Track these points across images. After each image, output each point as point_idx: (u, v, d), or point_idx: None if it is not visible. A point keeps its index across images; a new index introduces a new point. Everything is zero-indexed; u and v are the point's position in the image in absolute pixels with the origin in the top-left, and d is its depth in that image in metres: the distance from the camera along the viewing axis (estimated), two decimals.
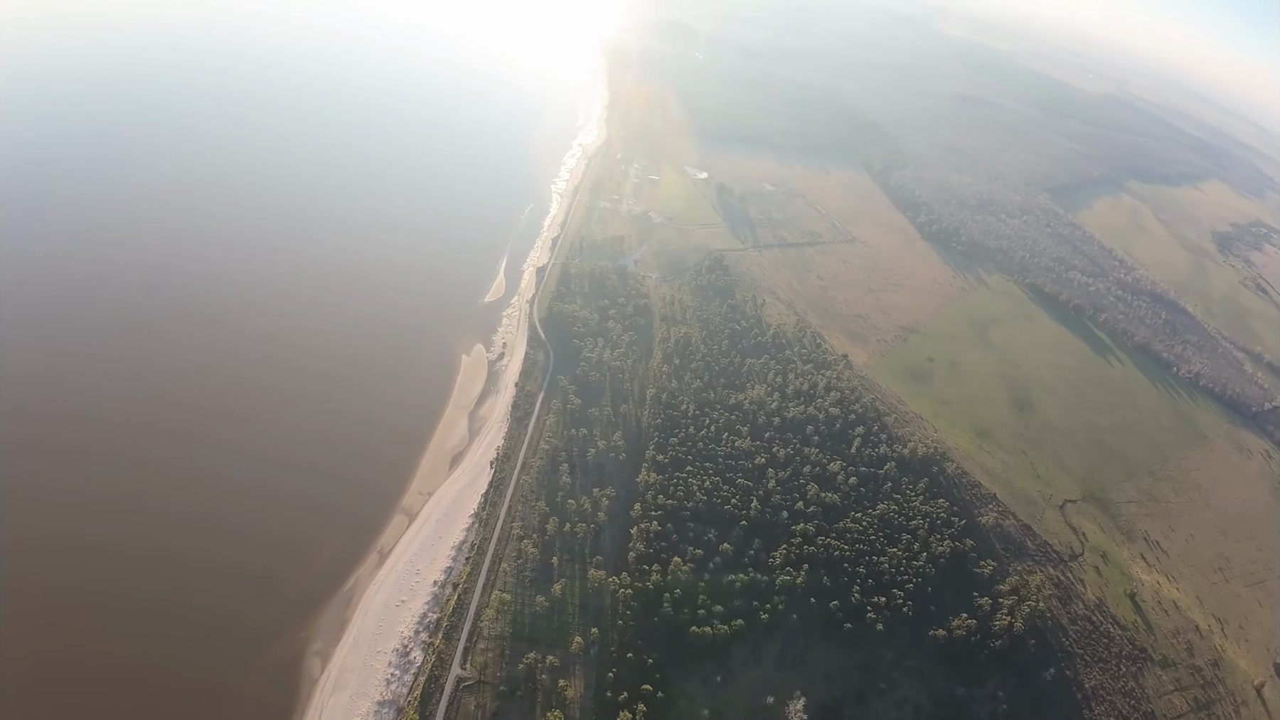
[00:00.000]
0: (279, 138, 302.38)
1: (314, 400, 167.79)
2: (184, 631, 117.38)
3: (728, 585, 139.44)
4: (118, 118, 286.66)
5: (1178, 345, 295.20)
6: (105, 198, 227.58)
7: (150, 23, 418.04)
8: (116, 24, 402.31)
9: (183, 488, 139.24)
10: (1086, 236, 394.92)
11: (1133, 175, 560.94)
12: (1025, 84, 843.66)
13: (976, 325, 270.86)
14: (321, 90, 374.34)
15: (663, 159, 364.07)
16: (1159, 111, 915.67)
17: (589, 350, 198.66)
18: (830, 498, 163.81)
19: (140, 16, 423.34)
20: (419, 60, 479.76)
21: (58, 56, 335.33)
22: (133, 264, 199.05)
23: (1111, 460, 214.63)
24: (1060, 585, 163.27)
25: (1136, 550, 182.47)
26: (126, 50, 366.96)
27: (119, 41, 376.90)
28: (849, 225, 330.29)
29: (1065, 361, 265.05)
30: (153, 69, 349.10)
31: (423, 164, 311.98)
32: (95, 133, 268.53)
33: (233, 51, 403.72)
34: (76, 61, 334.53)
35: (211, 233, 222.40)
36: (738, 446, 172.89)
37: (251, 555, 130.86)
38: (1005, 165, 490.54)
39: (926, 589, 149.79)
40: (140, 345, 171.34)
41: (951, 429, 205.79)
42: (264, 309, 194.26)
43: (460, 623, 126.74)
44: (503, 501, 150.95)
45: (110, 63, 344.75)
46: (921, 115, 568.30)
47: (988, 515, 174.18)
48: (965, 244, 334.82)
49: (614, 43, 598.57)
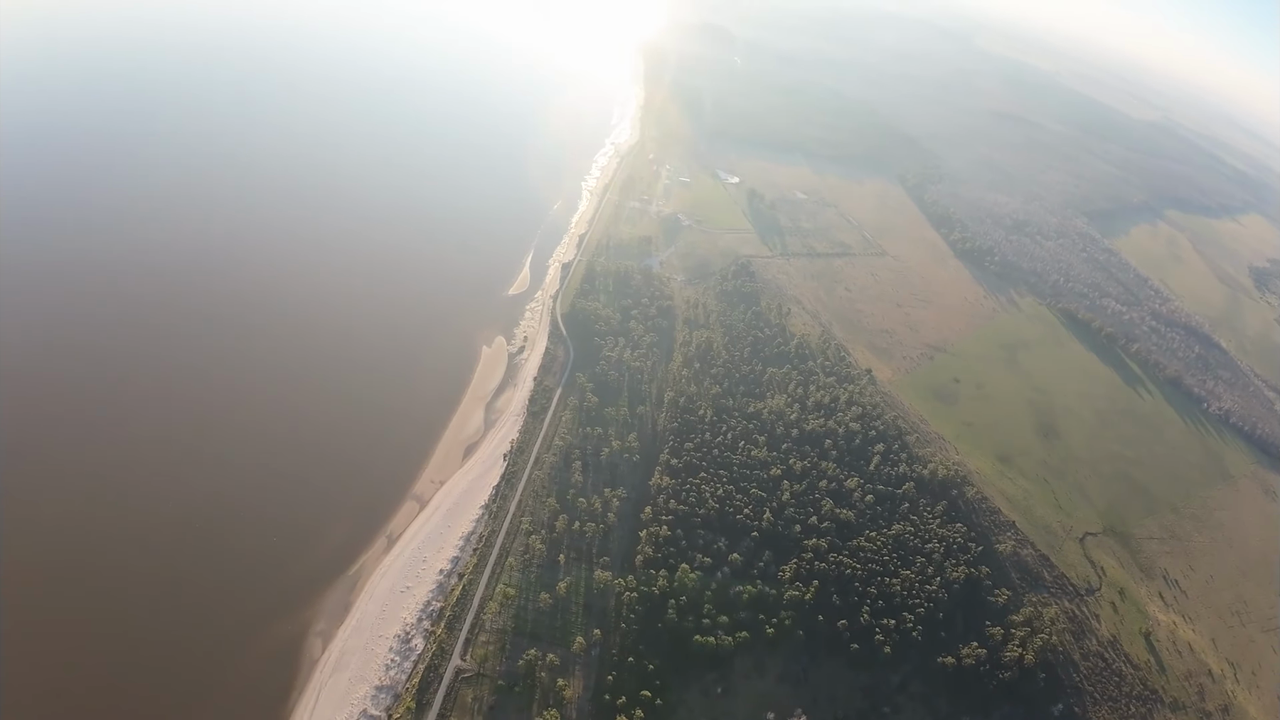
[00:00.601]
0: (316, 125, 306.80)
1: (332, 384, 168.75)
2: (189, 606, 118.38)
3: (735, 596, 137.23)
4: (154, 104, 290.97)
5: (1209, 380, 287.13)
6: (135, 183, 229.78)
7: (189, 10, 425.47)
8: (150, 14, 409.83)
9: (197, 465, 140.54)
10: (1122, 263, 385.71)
11: (1172, 204, 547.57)
12: (1067, 105, 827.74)
13: (1006, 348, 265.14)
14: (361, 80, 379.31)
15: (695, 161, 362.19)
16: (1202, 141, 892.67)
17: (609, 349, 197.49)
18: (845, 514, 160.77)
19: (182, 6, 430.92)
20: (458, 54, 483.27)
21: (82, 42, 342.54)
22: (161, 247, 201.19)
23: (1135, 494, 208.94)
24: (1075, 619, 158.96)
25: (1155, 588, 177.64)
26: (172, 35, 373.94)
27: (158, 31, 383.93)
28: (880, 238, 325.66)
29: (1094, 390, 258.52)
30: (192, 52, 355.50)
31: (456, 156, 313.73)
32: (123, 120, 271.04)
33: (280, 39, 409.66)
34: (99, 48, 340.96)
35: (240, 217, 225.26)
36: (754, 456, 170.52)
37: (260, 533, 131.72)
38: (1043, 186, 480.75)
39: (938, 614, 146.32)
40: (162, 325, 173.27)
41: (973, 452, 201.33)
42: (288, 293, 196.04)
43: (463, 613, 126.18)
44: (513, 495, 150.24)
45: (151, 48, 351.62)
46: (959, 130, 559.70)
47: (1005, 543, 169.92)
48: (998, 264, 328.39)
49: (652, 44, 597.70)
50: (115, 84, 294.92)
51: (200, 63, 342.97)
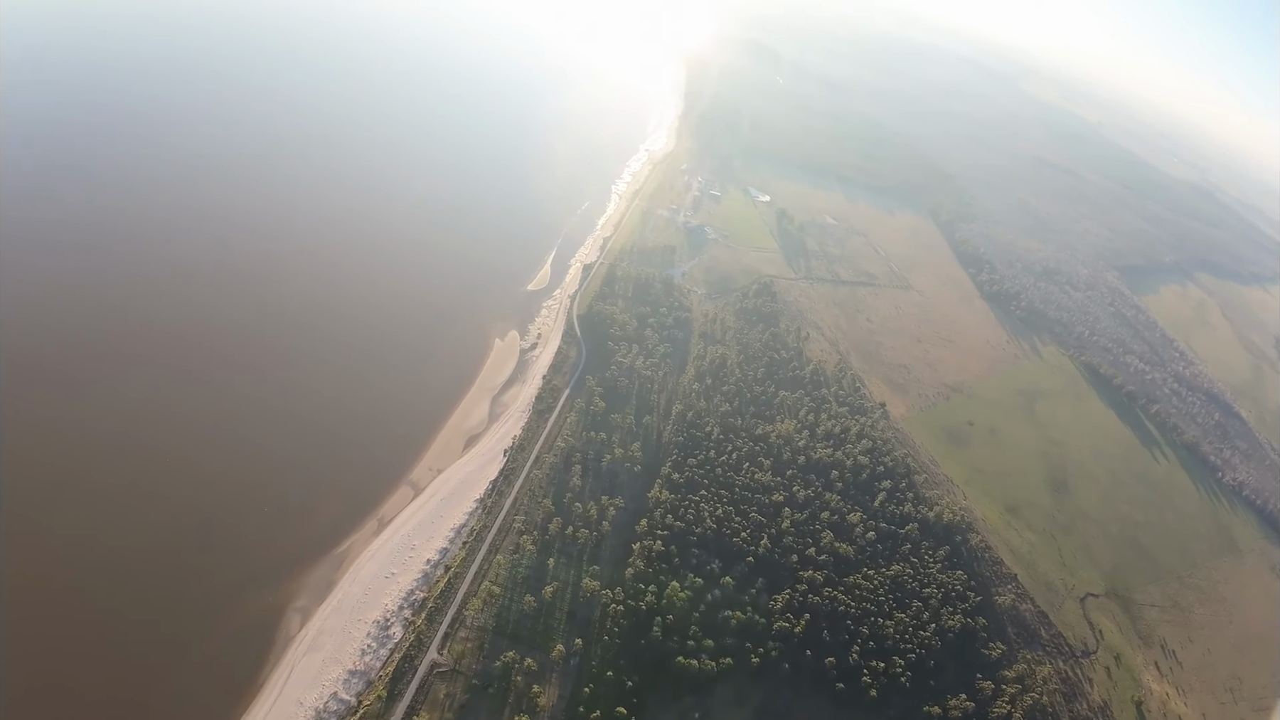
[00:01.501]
0: (359, 110, 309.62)
1: (338, 362, 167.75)
2: (170, 568, 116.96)
3: (723, 621, 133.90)
4: (200, 83, 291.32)
5: (1226, 450, 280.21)
6: (169, 158, 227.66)
7: None
8: None
9: (193, 434, 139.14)
10: (1149, 322, 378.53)
11: (1204, 267, 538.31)
12: (1108, 157, 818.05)
13: (1024, 395, 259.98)
14: (410, 71, 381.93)
15: (727, 176, 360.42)
16: (1239, 207, 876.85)
17: (622, 355, 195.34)
18: (844, 549, 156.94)
19: None
20: (505, 53, 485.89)
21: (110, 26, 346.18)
22: (175, 222, 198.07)
23: (1141, 559, 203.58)
24: (1067, 681, 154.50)
25: (1152, 657, 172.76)
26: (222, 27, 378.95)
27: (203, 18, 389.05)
28: (907, 271, 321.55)
29: (1109, 448, 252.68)
30: (239, 39, 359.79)
31: (490, 151, 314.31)
32: (160, 96, 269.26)
33: (322, 30, 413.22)
34: (133, 29, 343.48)
35: (269, 194, 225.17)
36: (757, 479, 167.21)
37: (251, 502, 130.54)
38: (1076, 236, 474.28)
39: (929, 662, 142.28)
40: (171, 292, 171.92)
41: (982, 499, 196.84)
42: (306, 271, 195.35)
43: (445, 606, 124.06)
44: (509, 492, 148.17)
45: (196, 33, 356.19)
46: (997, 172, 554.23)
47: (1005, 596, 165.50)
48: (1024, 309, 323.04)
49: (697, 55, 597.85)
50: (151, 66, 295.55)
51: (239, 50, 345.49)
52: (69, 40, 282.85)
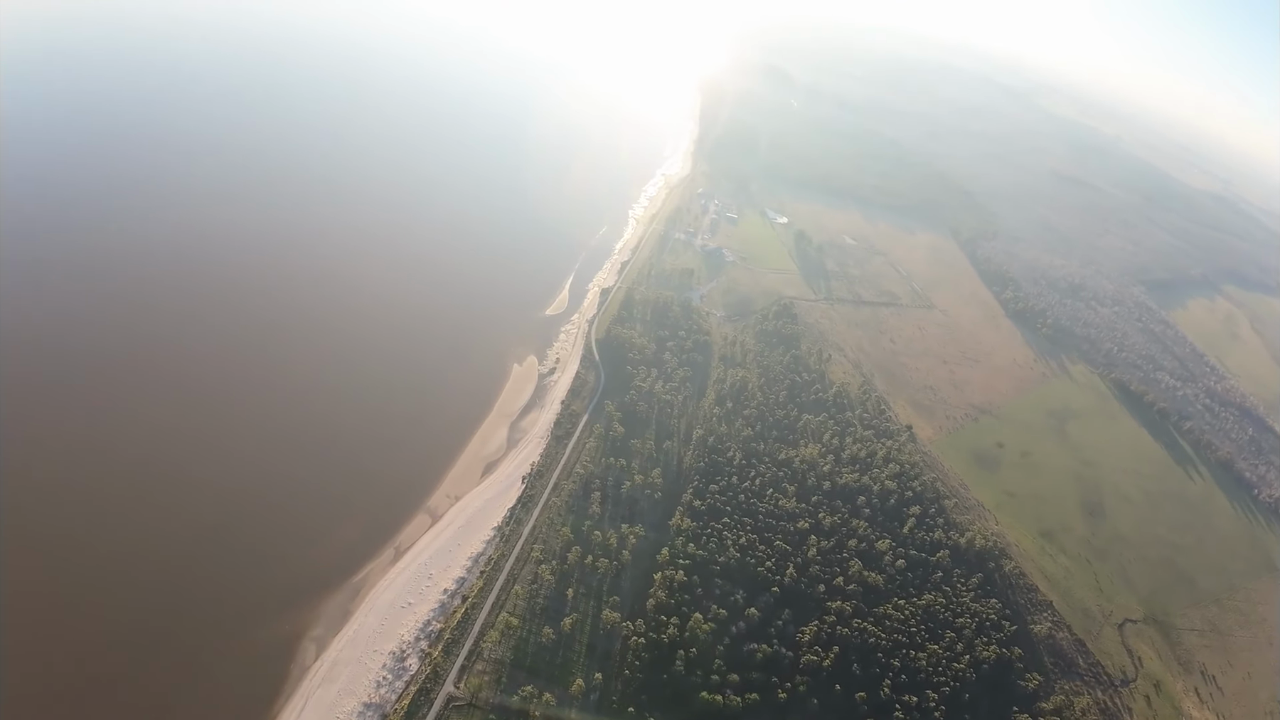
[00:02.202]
0: (374, 137, 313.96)
1: (358, 388, 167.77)
2: (187, 594, 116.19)
3: (748, 654, 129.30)
4: (215, 107, 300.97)
5: (1261, 467, 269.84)
6: (189, 184, 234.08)
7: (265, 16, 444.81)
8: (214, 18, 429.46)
9: (209, 457, 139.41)
10: (1179, 337, 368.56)
11: (1231, 279, 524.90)
12: (1129, 170, 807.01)
13: (1054, 416, 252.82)
14: (424, 101, 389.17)
15: (744, 199, 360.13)
16: (1263, 216, 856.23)
17: (641, 379, 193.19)
18: (873, 578, 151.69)
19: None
20: (520, 80, 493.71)
21: (111, 46, 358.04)
22: (206, 244, 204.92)
23: (1179, 582, 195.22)
24: (1106, 712, 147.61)
25: (1192, 683, 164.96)
26: (235, 43, 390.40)
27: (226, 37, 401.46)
28: (929, 291, 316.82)
29: (1144, 469, 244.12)
30: (265, 57, 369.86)
31: (508, 176, 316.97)
32: (182, 120, 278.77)
33: (342, 58, 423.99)
34: (147, 55, 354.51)
35: (286, 218, 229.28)
36: (781, 506, 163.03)
37: (268, 529, 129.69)
38: (1101, 251, 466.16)
39: (964, 695, 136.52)
40: (185, 318, 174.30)
41: (1014, 524, 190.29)
42: (324, 293, 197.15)
43: (462, 638, 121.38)
44: (528, 520, 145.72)
45: (219, 54, 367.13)
46: (1017, 189, 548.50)
47: (1041, 624, 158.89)
48: (1051, 327, 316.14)
49: (712, 81, 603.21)
50: (162, 97, 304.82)
51: (261, 77, 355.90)
52: (76, 65, 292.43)
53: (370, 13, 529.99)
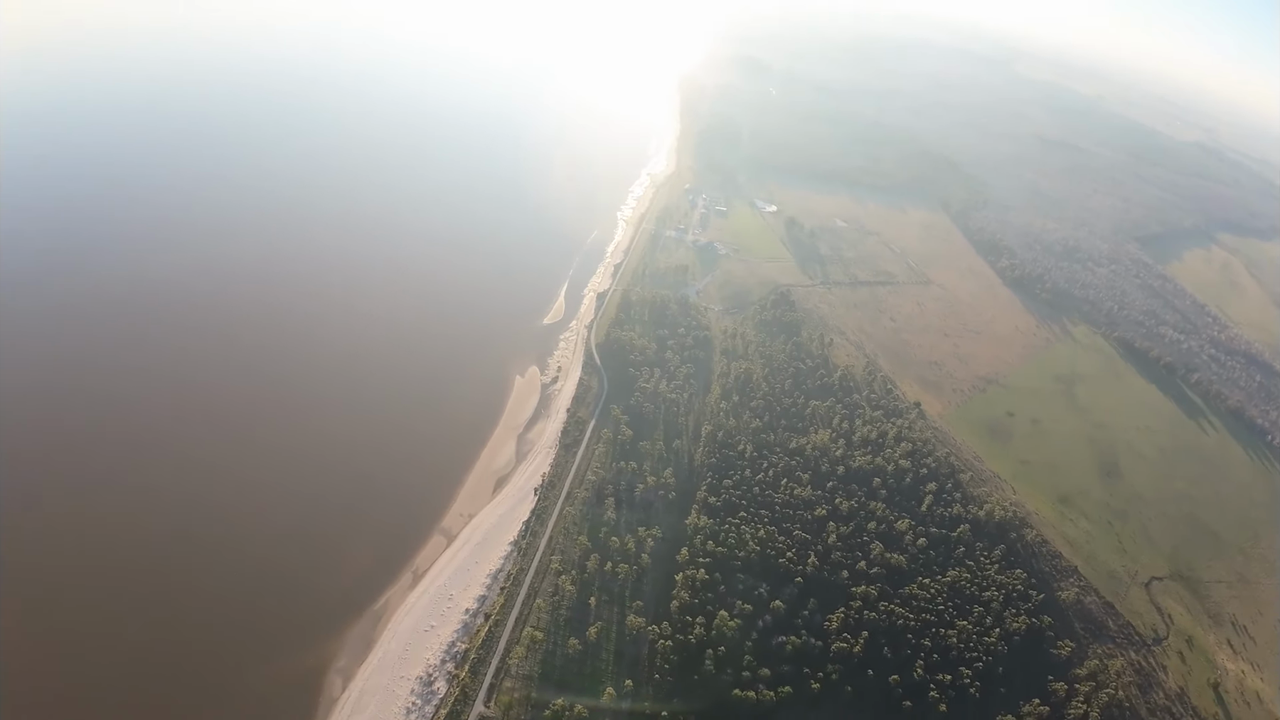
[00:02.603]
0: (356, 159, 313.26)
1: (361, 412, 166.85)
2: (207, 631, 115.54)
3: (777, 647, 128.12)
4: (202, 135, 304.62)
5: (1273, 412, 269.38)
6: (187, 211, 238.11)
7: (243, 49, 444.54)
8: (204, 46, 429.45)
9: (223, 490, 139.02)
10: (1178, 290, 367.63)
11: (1224, 227, 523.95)
12: (1112, 129, 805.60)
13: (1062, 380, 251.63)
14: (399, 116, 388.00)
15: (732, 191, 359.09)
16: (1250, 162, 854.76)
17: (644, 380, 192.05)
18: (896, 559, 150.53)
19: (230, 43, 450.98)
20: (496, 90, 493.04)
21: (109, 78, 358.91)
22: (188, 268, 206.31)
23: (1202, 536, 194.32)
24: (1141, 672, 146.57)
25: (1223, 635, 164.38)
26: (222, 72, 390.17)
27: (213, 65, 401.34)
28: (925, 266, 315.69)
29: (1156, 425, 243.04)
30: (252, 90, 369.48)
31: (492, 188, 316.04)
32: (176, 151, 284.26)
33: (321, 82, 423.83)
34: (141, 85, 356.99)
35: (276, 243, 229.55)
36: (797, 495, 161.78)
37: (284, 561, 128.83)
38: (1092, 211, 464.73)
39: (997, 669, 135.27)
40: (186, 347, 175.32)
41: (1032, 492, 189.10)
42: (319, 320, 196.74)
43: (488, 656, 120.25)
44: (544, 532, 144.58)
45: (209, 84, 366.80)
46: (1003, 156, 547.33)
47: (1068, 590, 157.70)
48: (1050, 292, 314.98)
49: (689, 77, 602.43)
50: (166, 128, 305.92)
51: (254, 100, 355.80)
52: (72, 113, 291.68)
53: (353, 41, 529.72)
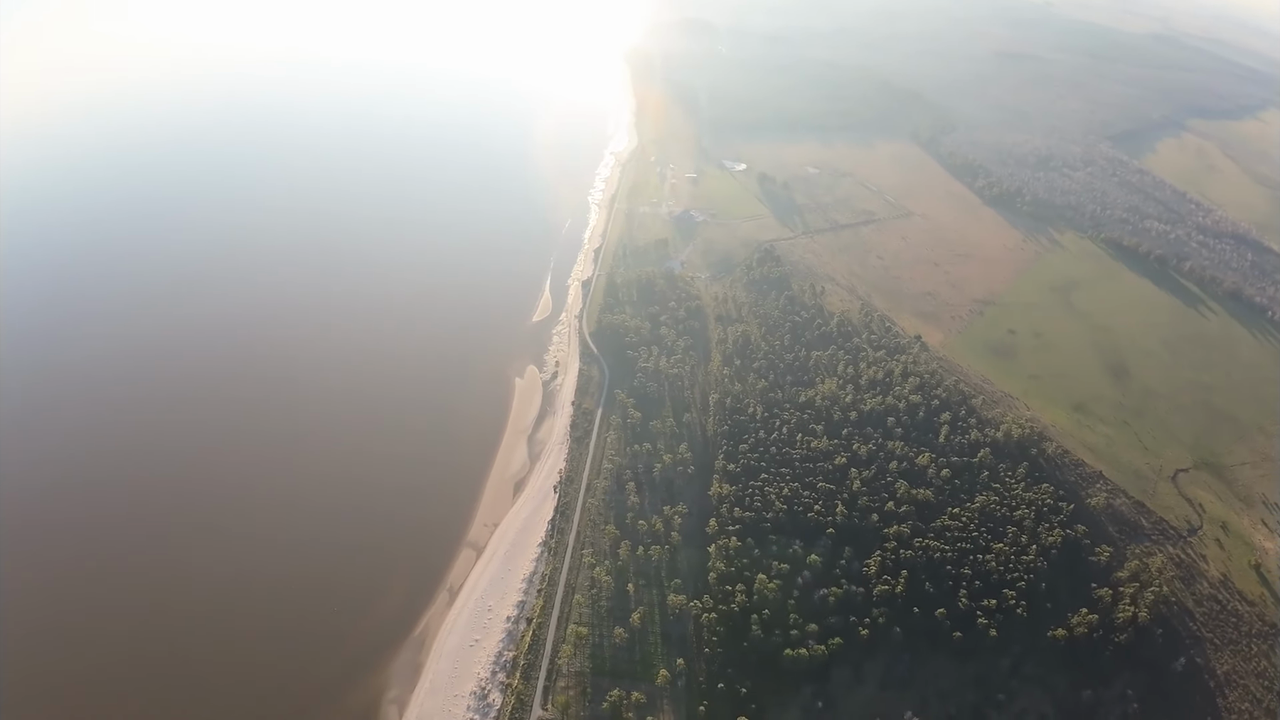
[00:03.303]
0: (313, 185, 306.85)
1: (369, 441, 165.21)
2: (257, 685, 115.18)
3: (820, 601, 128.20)
4: (155, 172, 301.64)
5: (1269, 287, 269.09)
6: (148, 248, 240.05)
7: (170, 93, 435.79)
8: (138, 94, 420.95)
9: (247, 543, 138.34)
10: (1157, 182, 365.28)
11: (1193, 113, 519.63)
12: (1068, 33, 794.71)
13: (1057, 290, 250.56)
14: (346, 135, 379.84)
15: (699, 156, 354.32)
16: (1208, 45, 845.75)
17: (644, 360, 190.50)
18: (923, 494, 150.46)
19: (161, 86, 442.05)
20: (444, 94, 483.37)
21: (102, 126, 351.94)
22: (175, 308, 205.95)
23: (1220, 422, 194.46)
24: (1181, 565, 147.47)
25: (1257, 516, 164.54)
26: (153, 116, 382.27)
27: (147, 110, 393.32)
28: (904, 199, 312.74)
29: (1157, 319, 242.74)
30: (184, 130, 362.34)
31: (456, 195, 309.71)
32: (130, 186, 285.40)
33: (260, 110, 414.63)
34: (113, 127, 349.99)
35: (249, 283, 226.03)
36: (814, 447, 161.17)
37: (316, 604, 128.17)
38: (1060, 118, 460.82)
39: (1040, 585, 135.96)
40: (188, 394, 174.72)
41: (1045, 405, 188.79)
42: (310, 354, 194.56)
43: (537, 660, 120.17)
44: (570, 528, 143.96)
45: (141, 129, 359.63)
46: (964, 78, 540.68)
47: (1097, 496, 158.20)
48: (1031, 204, 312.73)
49: (635, 48, 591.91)
50: (125, 164, 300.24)
51: (198, 132, 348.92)
52: None
53: (300, 77, 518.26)
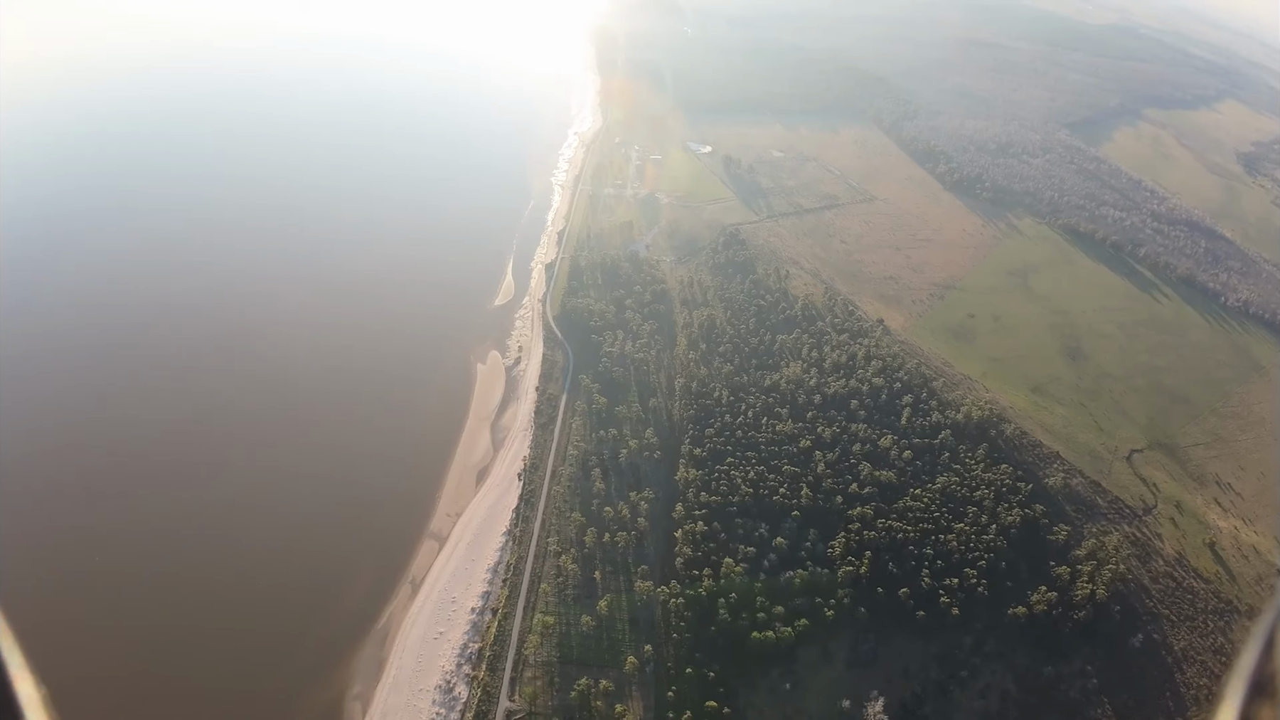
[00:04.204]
0: (263, 160, 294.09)
1: (326, 430, 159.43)
2: (214, 687, 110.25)
3: (786, 583, 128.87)
4: (111, 146, 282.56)
5: (1222, 274, 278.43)
6: (101, 223, 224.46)
7: (132, 59, 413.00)
8: (100, 60, 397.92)
9: (191, 537, 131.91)
10: (1113, 169, 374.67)
11: (1149, 103, 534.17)
12: (1028, 21, 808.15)
13: (1015, 274, 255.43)
14: (303, 110, 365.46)
15: (664, 138, 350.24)
16: (1165, 36, 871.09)
17: (609, 344, 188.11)
18: (886, 475, 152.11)
19: (124, 56, 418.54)
20: (402, 71, 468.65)
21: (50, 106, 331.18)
22: (126, 290, 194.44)
23: (1173, 403, 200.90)
24: (1137, 543, 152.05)
25: (1210, 495, 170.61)
26: (112, 81, 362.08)
27: (106, 75, 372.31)
28: (866, 184, 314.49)
29: (1112, 303, 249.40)
30: (139, 97, 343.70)
31: (414, 174, 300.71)
32: (85, 161, 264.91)
33: (211, 81, 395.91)
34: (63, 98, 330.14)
35: (191, 267, 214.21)
36: (780, 431, 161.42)
37: (274, 601, 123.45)
38: (1019, 105, 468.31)
39: (1000, 564, 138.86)
40: (138, 386, 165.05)
41: (1004, 388, 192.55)
42: (267, 340, 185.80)
43: (504, 651, 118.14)
44: (535, 516, 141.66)
45: (98, 96, 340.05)
46: (926, 63, 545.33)
47: (1054, 476, 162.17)
48: (991, 190, 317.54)
49: (599, 27, 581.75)
50: (75, 137, 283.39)
51: (163, 106, 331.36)
52: None
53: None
